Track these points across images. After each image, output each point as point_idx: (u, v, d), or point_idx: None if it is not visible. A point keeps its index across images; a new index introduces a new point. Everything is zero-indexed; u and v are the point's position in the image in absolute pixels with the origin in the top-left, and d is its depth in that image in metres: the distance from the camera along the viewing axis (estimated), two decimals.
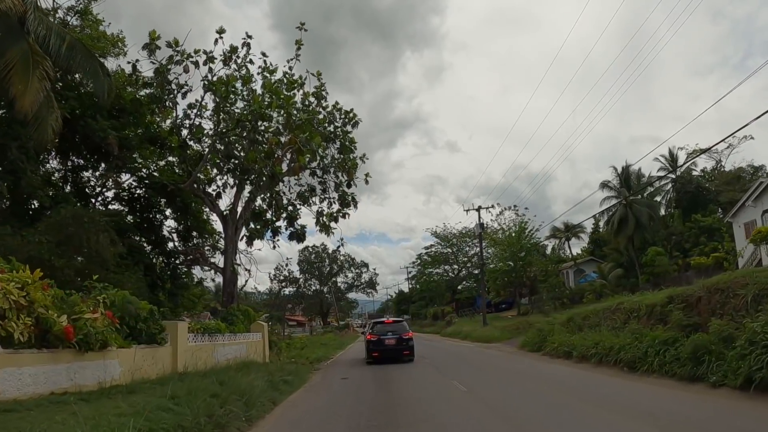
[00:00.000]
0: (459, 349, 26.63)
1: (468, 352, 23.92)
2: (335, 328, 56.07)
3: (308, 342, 36.61)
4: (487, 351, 23.81)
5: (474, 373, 14.63)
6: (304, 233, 20.00)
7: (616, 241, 56.94)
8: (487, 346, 27.08)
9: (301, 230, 19.91)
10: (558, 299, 48.88)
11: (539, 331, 20.95)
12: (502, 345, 27.22)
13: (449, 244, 73.79)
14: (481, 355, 21.51)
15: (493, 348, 25.67)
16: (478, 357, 20.70)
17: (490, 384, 12.33)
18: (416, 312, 76.24)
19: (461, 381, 12.48)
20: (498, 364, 17.57)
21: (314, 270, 69.98)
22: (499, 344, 27.88)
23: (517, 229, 52.93)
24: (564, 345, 17.35)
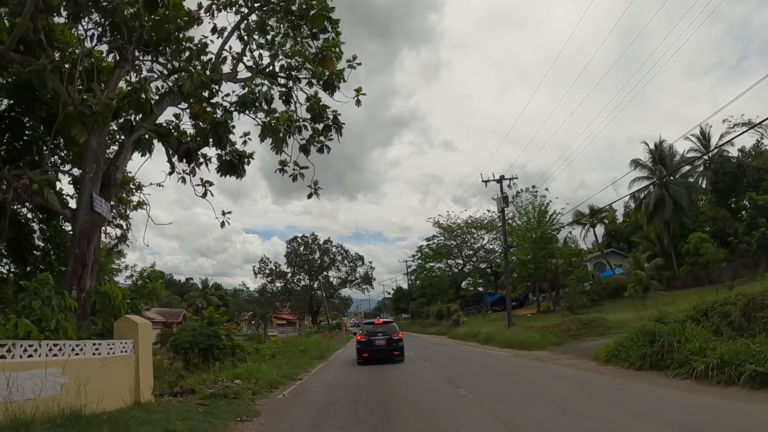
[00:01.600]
0: (495, 361, 17.77)
1: (518, 368, 14.98)
2: (326, 328, 47.16)
3: (285, 347, 27.74)
4: (546, 366, 14.92)
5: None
6: (243, 161, 10.83)
7: (650, 226, 48.32)
8: (533, 356, 18.19)
9: (238, 157, 10.77)
10: (587, 294, 40.14)
11: (648, 333, 12.08)
12: (552, 353, 18.42)
13: (453, 235, 65.02)
14: (547, 377, 12.63)
15: (547, 359, 16.79)
16: (549, 382, 11.82)
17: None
18: (416, 310, 67.22)
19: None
20: (638, 409, 8.34)
21: (303, 263, 61.07)
22: (547, 352, 19.06)
23: (537, 213, 44.20)
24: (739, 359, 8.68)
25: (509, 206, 42.16)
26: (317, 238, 61.12)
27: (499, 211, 31.16)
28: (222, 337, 24.67)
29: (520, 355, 19.06)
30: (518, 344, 22.57)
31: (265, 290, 61.06)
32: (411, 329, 59.43)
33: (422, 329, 54.10)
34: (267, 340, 47.92)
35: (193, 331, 24.42)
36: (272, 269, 60.54)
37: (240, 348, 25.04)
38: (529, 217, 44.52)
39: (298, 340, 36.96)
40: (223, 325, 26.60)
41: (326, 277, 62.53)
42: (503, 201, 30.53)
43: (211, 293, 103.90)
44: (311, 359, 19.91)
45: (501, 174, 31.26)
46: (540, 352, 19.42)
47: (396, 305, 77.86)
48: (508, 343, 24.10)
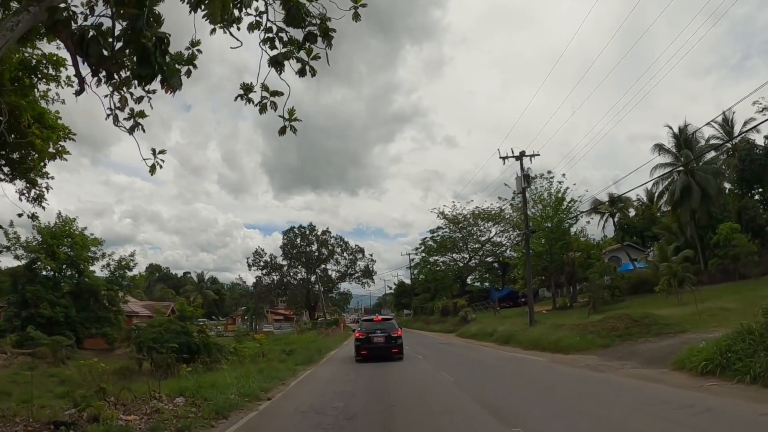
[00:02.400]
0: (535, 372, 13.40)
1: (576, 384, 10.48)
2: (322, 324, 42.95)
3: (272, 346, 23.67)
4: (614, 381, 10.53)
5: None
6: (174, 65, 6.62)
7: (674, 216, 44.10)
8: (581, 363, 13.87)
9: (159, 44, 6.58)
10: (609, 289, 35.95)
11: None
12: (602, 359, 14.17)
13: (459, 227, 60.72)
14: (635, 401, 8.25)
15: (604, 369, 12.45)
16: (651, 413, 7.48)
17: None
18: (420, 306, 62.93)
19: None
20: None
21: (300, 255, 56.78)
22: (594, 357, 14.80)
23: (553, 201, 39.95)
24: None
25: (513, 198, 37.98)
26: (315, 229, 56.98)
27: (518, 191, 26.87)
28: (194, 334, 20.55)
29: (562, 362, 14.78)
30: (550, 347, 18.28)
31: (259, 283, 56.73)
32: (414, 326, 55.24)
33: (426, 326, 49.86)
34: (255, 338, 43.78)
35: (159, 327, 20.27)
36: (267, 261, 56.28)
37: (217, 347, 20.96)
38: (544, 205, 40.31)
39: (290, 338, 32.80)
40: (195, 320, 22.49)
41: (324, 271, 58.35)
42: (524, 179, 26.25)
43: (207, 287, 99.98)
44: (296, 364, 15.62)
45: (521, 150, 26.96)
46: (584, 357, 15.15)
47: (398, 301, 73.54)
48: (535, 344, 19.82)
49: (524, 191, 26.93)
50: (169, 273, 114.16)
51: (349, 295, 61.30)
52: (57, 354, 26.37)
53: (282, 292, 57.87)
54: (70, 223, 35.25)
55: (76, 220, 35.05)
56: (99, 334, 34.17)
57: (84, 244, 35.40)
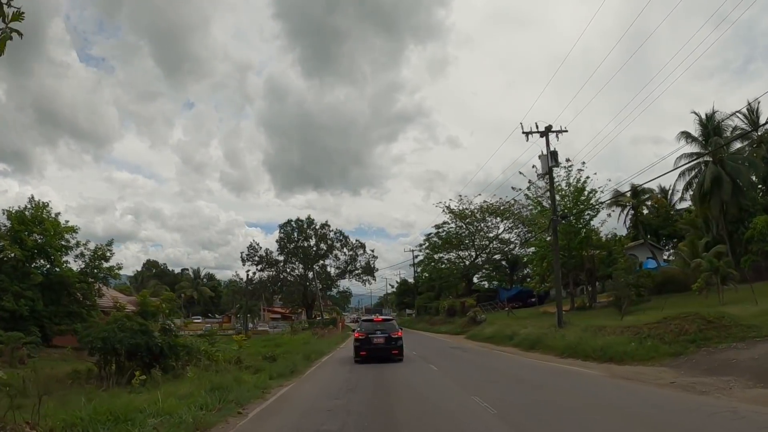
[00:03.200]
0: (606, 396, 9.40)
1: (721, 426, 6.60)
2: (318, 324, 39.09)
3: (256, 348, 19.91)
4: (752, 416, 6.66)
5: None
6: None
7: (702, 209, 40.27)
8: (658, 380, 9.96)
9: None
10: (635, 287, 32.06)
11: None
12: (683, 373, 10.34)
13: (466, 222, 56.81)
14: None
15: (708, 391, 8.54)
16: None
17: None
18: (423, 305, 58.98)
19: None
20: None
21: (297, 250, 52.91)
22: (670, 370, 10.98)
23: (573, 191, 36.06)
24: None
25: (538, 180, 34.09)
26: (313, 222, 53.11)
27: (544, 171, 23.07)
28: (156, 334, 16.69)
29: (626, 376, 10.90)
30: (596, 355, 14.43)
31: (251, 280, 52.82)
32: (417, 327, 51.31)
33: (431, 327, 45.95)
34: (234, 339, 39.98)
35: (115, 324, 16.47)
36: (262, 256, 52.39)
37: (186, 350, 17.19)
38: (562, 196, 36.37)
39: (281, 338, 29.00)
40: (159, 318, 18.71)
41: (323, 267, 54.48)
42: (551, 158, 22.41)
43: (203, 284, 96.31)
44: (272, 377, 11.68)
45: (547, 124, 23.13)
46: (653, 370, 11.33)
47: (400, 300, 69.57)
48: (573, 351, 15.96)
49: (551, 171, 23.09)
50: (166, 269, 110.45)
51: (348, 293, 57.30)
52: (15, 353, 22.63)
53: (278, 289, 54.01)
54: (42, 208, 31.28)
55: (48, 205, 31.13)
56: (69, 330, 30.22)
57: (56, 231, 31.39)
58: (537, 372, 12.55)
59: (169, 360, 16.50)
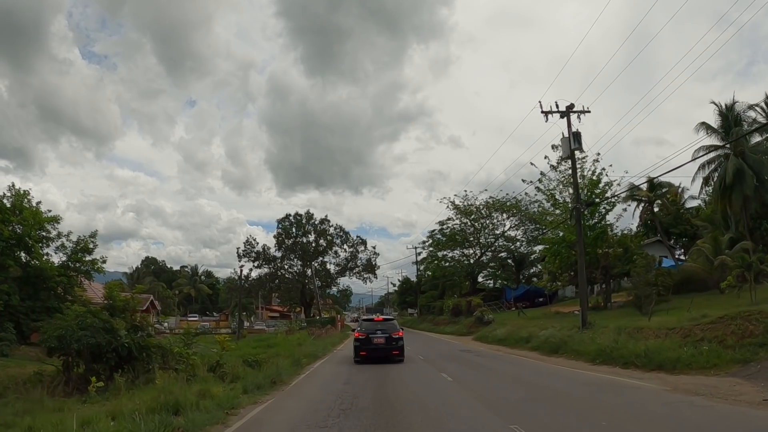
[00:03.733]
0: (701, 426, 6.96)
1: None
2: (316, 324, 36.74)
3: (240, 352, 17.56)
4: None
5: None
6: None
7: (721, 204, 37.84)
8: (749, 398, 7.56)
9: None
10: (655, 286, 29.66)
11: None
12: (764, 386, 7.99)
13: (471, 218, 54.38)
14: None
15: None
16: None
17: None
18: (427, 304, 56.55)
19: None
20: None
21: (295, 246, 50.50)
22: (737, 381, 8.65)
23: (587, 183, 33.59)
24: None
25: (560, 163, 31.61)
26: (312, 217, 50.70)
27: (565, 154, 20.67)
28: (122, 332, 14.42)
29: (693, 390, 8.48)
30: (639, 362, 12.05)
31: (247, 277, 50.38)
32: (420, 327, 48.90)
33: (435, 327, 43.54)
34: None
35: (75, 321, 14.21)
36: (260, 252, 50.05)
37: (161, 351, 14.91)
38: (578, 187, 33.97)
39: (274, 339, 26.64)
40: (125, 313, 16.38)
41: (323, 264, 52.10)
42: (574, 139, 20.01)
43: (201, 281, 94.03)
44: (246, 391, 9.17)
45: (568, 103, 20.73)
46: (723, 381, 8.97)
47: (402, 299, 67.14)
48: (607, 357, 13.57)
49: (573, 154, 20.67)
50: (165, 266, 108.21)
51: (348, 290, 54.92)
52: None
53: (276, 287, 51.66)
54: (22, 197, 28.85)
55: (29, 193, 28.74)
56: None
57: (36, 221, 28.96)
58: (578, 384, 10.15)
59: (139, 363, 14.23)
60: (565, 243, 33.47)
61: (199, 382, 9.73)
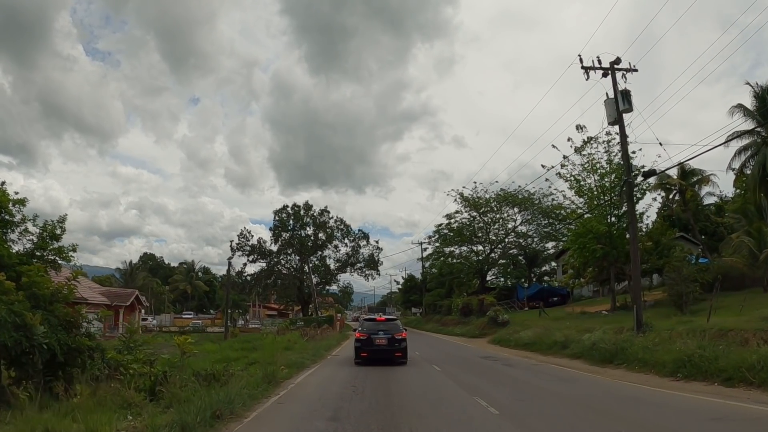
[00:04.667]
0: None
1: None
2: (311, 323, 32.97)
3: (211, 358, 13.88)
4: None
5: None
6: None
7: (759, 194, 33.96)
8: None
9: None
10: (695, 282, 25.69)
11: None
12: None
13: (480, 212, 50.46)
14: None
15: None
16: None
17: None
18: (433, 303, 52.66)
19: None
20: None
21: (293, 239, 46.72)
22: None
23: (614, 168, 29.76)
24: None
25: (606, 130, 27.72)
26: (311, 208, 46.84)
27: (611, 118, 16.77)
28: (37, 330, 10.69)
29: None
30: (756, 376, 8.26)
31: (242, 272, 46.64)
32: (426, 327, 45.03)
33: (442, 328, 39.69)
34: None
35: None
36: (255, 246, 46.27)
37: (100, 354, 11.28)
38: (602, 175, 30.06)
39: (261, 340, 22.85)
40: (54, 305, 12.66)
41: (322, 259, 48.29)
42: (623, 99, 16.14)
43: (198, 278, 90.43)
44: (184, 429, 5.45)
45: (613, 58, 16.86)
46: None
47: (406, 297, 63.33)
48: (694, 370, 9.78)
49: (622, 118, 16.75)
50: (162, 263, 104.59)
51: (349, 287, 51.06)
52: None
53: (272, 283, 47.93)
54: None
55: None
56: None
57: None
58: (704, 420, 6.29)
59: (75, 370, 10.84)
60: (592, 234, 29.61)
61: (100, 411, 6.03)
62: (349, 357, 17.10)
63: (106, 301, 40.64)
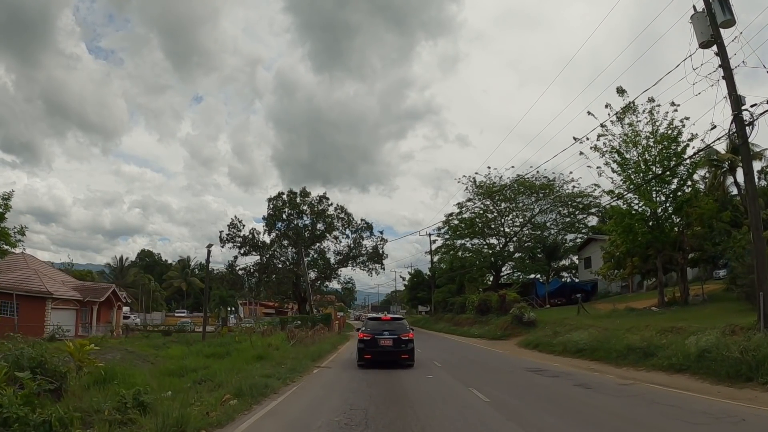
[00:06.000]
0: None
1: None
2: (303, 323, 28.17)
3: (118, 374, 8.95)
4: None
5: None
6: None
7: None
8: None
9: None
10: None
11: None
12: None
13: (495, 200, 45.56)
14: None
15: None
16: None
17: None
18: (443, 300, 47.74)
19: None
20: None
21: (289, 230, 41.91)
22: None
23: (660, 140, 24.74)
24: None
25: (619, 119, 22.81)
26: (309, 195, 41.87)
27: (703, 40, 11.86)
28: None
29: None
30: None
31: (232, 266, 41.82)
32: (436, 327, 40.15)
33: (456, 328, 34.78)
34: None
35: None
36: (246, 237, 41.52)
37: None
38: (645, 147, 24.98)
39: (241, 345, 18.08)
40: None
41: (321, 252, 43.47)
42: (721, 7, 11.29)
43: (194, 274, 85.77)
44: None
45: None
46: None
47: (413, 295, 58.46)
48: None
49: (720, 34, 11.82)
50: (159, 260, 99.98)
51: (351, 282, 46.16)
52: None
53: (266, 279, 43.12)
54: None
55: None
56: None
57: None
58: None
59: None
60: (639, 215, 24.70)
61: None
62: (344, 371, 12.38)
63: (77, 297, 36.22)
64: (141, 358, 17.24)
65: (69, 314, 34.89)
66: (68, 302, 34.58)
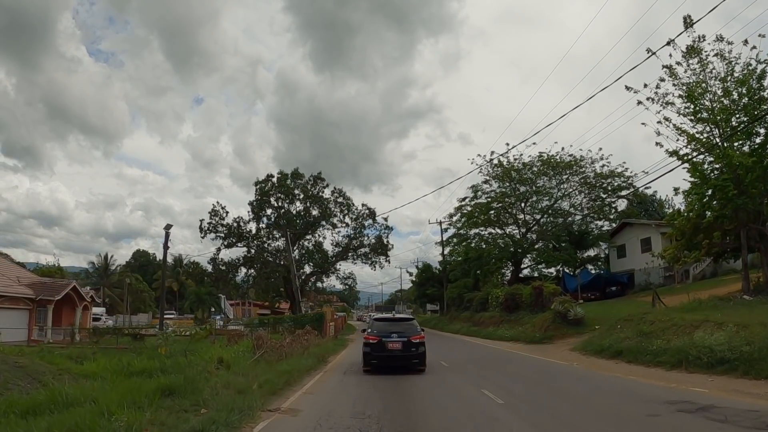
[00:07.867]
0: None
1: None
2: (291, 323, 22.39)
3: None
4: None
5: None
6: None
7: None
8: None
9: None
10: None
11: None
12: None
13: (513, 182, 39.61)
14: None
15: None
16: None
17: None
18: (457, 296, 41.69)
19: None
20: None
21: (279, 217, 35.98)
22: None
23: (743, 80, 18.59)
24: None
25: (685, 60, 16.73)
26: (301, 177, 35.77)
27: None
28: None
29: None
30: None
31: (215, 259, 35.99)
32: (452, 328, 34.30)
33: (478, 329, 28.85)
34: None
35: None
36: (230, 226, 35.65)
37: None
38: (725, 89, 18.80)
39: (181, 360, 12.24)
40: None
41: (318, 244, 37.57)
42: None
43: (187, 273, 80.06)
44: None
45: None
46: None
47: (421, 291, 52.40)
48: None
49: None
50: (153, 260, 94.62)
51: (352, 278, 40.10)
52: None
53: (257, 274, 37.30)
54: None
55: None
56: None
57: None
58: None
59: None
60: (712, 184, 18.70)
61: None
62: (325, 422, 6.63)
63: (29, 294, 30.64)
64: (29, 377, 11.49)
65: (19, 315, 29.28)
66: (16, 301, 28.93)
